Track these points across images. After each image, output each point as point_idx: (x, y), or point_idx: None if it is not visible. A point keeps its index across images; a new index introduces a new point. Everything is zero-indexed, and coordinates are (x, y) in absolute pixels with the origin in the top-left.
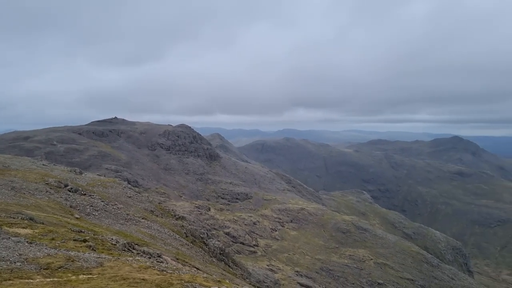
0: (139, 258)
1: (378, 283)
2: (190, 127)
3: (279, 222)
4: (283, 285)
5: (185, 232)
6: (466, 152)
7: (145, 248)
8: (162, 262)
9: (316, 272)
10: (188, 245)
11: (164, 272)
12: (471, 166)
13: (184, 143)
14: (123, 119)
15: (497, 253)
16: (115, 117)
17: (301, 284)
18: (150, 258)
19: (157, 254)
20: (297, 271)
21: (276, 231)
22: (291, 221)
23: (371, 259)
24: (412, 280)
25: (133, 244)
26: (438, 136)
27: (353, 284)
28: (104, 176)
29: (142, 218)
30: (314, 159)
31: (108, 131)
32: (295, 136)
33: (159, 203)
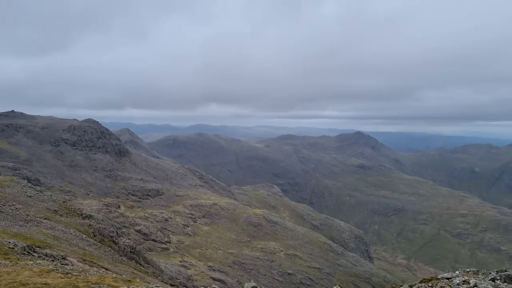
0: (40, 262)
1: (288, 273)
2: (97, 122)
3: (191, 217)
4: (196, 280)
5: (92, 232)
6: (367, 147)
7: (48, 251)
8: (67, 264)
9: (229, 266)
10: (96, 245)
11: (69, 275)
12: (371, 159)
13: (91, 139)
14: (22, 113)
15: (394, 239)
16: (12, 111)
17: (214, 279)
18: (53, 260)
19: (62, 256)
20: (210, 266)
21: (188, 226)
22: (204, 217)
23: (282, 250)
24: (320, 268)
25: (34, 246)
26: (342, 131)
27: (264, 275)
28: (0, 174)
29: (45, 219)
30: (226, 154)
31: (4, 125)
32: (207, 132)
33: (63, 202)
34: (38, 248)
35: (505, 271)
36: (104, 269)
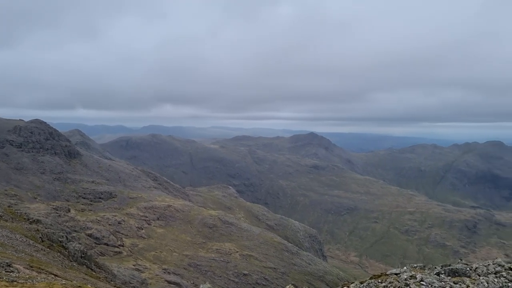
0: None
1: (244, 274)
2: (45, 123)
3: (145, 220)
4: (150, 284)
5: (40, 237)
6: (320, 147)
7: None
8: (12, 271)
9: (184, 268)
10: (44, 250)
11: (15, 283)
12: (325, 160)
13: (38, 140)
14: None
15: (346, 237)
16: None
17: (168, 282)
18: None
19: (6, 263)
20: (165, 269)
21: (142, 229)
22: (158, 219)
23: (237, 251)
24: (275, 268)
25: None
26: (296, 132)
27: (220, 277)
28: None
29: None
30: (180, 155)
31: None
32: (161, 133)
33: (9, 206)
34: None
35: (449, 265)
36: (53, 276)
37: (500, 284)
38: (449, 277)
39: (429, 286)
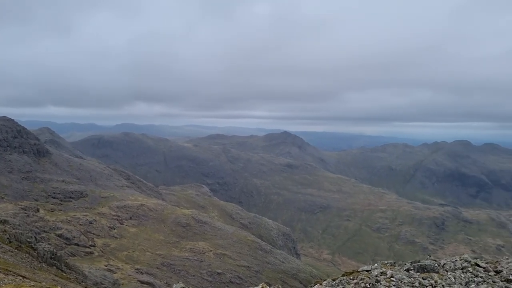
0: None
1: (218, 273)
2: (13, 120)
3: (117, 219)
4: (122, 284)
5: (8, 238)
6: (294, 146)
7: None
8: None
9: (157, 268)
10: (12, 251)
11: None
12: (298, 158)
13: (6, 138)
14: None
15: (319, 236)
16: None
17: (141, 282)
18: None
19: None
20: (138, 269)
21: (114, 229)
22: (131, 218)
23: (211, 250)
24: (248, 267)
25: None
26: (270, 131)
27: (193, 276)
28: None
29: None
30: (153, 154)
31: None
32: (134, 131)
33: None
34: None
35: (418, 261)
36: (21, 277)
37: (467, 279)
38: (418, 273)
39: (399, 282)
